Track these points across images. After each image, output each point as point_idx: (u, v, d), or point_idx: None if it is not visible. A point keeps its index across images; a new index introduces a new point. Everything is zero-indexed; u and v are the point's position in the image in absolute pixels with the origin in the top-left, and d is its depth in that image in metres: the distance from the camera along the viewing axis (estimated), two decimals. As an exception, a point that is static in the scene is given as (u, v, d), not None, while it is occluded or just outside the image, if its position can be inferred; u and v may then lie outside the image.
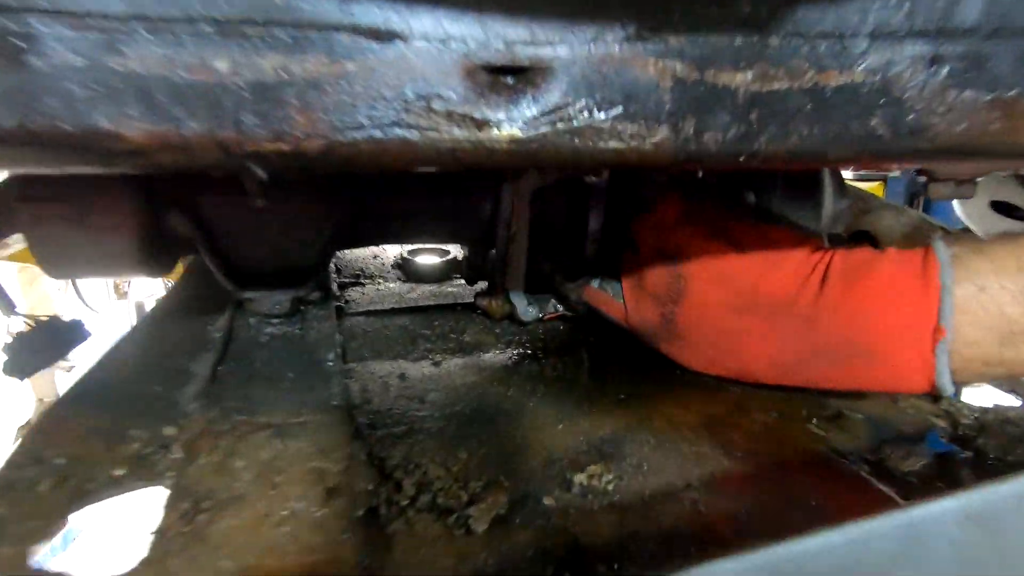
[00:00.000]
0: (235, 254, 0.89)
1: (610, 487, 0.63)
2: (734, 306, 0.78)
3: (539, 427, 0.75)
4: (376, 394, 0.82)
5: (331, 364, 0.79)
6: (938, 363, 0.67)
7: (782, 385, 0.83)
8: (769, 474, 0.68)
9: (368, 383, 0.85)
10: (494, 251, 1.04)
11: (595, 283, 0.97)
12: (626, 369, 0.94)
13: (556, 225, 1.05)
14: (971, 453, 0.73)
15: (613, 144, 0.46)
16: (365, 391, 0.82)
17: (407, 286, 1.34)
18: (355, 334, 1.03)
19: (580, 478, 0.64)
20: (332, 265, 1.41)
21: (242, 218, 0.88)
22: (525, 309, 1.05)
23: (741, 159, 0.47)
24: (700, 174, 0.89)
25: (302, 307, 0.97)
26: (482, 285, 1.14)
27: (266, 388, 0.72)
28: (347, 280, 1.34)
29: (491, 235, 1.03)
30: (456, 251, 1.39)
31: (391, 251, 1.54)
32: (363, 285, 1.33)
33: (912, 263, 0.70)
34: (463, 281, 1.26)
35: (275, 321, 0.93)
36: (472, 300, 1.12)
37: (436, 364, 0.95)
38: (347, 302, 1.21)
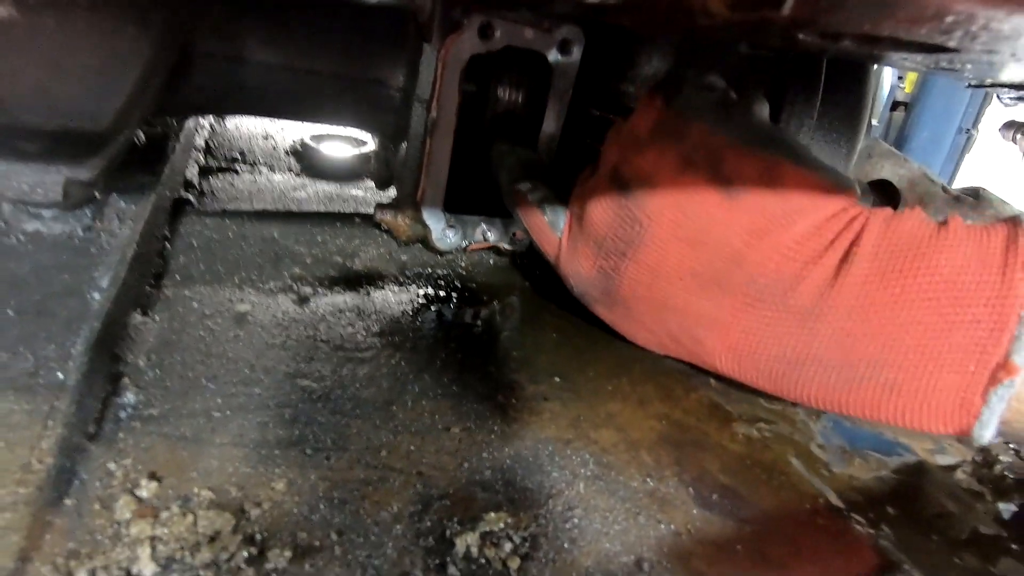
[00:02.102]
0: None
1: (514, 565, 0.38)
2: (700, 277, 0.51)
3: (421, 431, 0.48)
4: (179, 349, 0.52)
5: (96, 296, 0.48)
6: (986, 411, 0.42)
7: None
8: (754, 538, 0.45)
9: (176, 327, 0.55)
10: (405, 145, 0.72)
11: (534, 195, 0.64)
12: (569, 333, 0.68)
13: (498, 117, 0.73)
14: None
15: None
16: (162, 344, 0.52)
17: (299, 181, 1.01)
18: (193, 244, 0.71)
19: (467, 542, 0.38)
20: (201, 142, 1.05)
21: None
22: (443, 233, 0.76)
23: None
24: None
25: (98, 195, 0.64)
26: (392, 194, 0.83)
27: (-54, 336, 0.41)
28: (216, 164, 0.99)
29: (404, 122, 0.71)
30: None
31: (292, 131, 1.18)
32: (236, 173, 0.98)
33: (986, 251, 0.43)
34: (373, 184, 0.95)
35: (46, 214, 0.60)
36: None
37: (301, 301, 0.65)
38: (203, 195, 0.88)
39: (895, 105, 3.93)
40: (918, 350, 0.43)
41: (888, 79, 3.37)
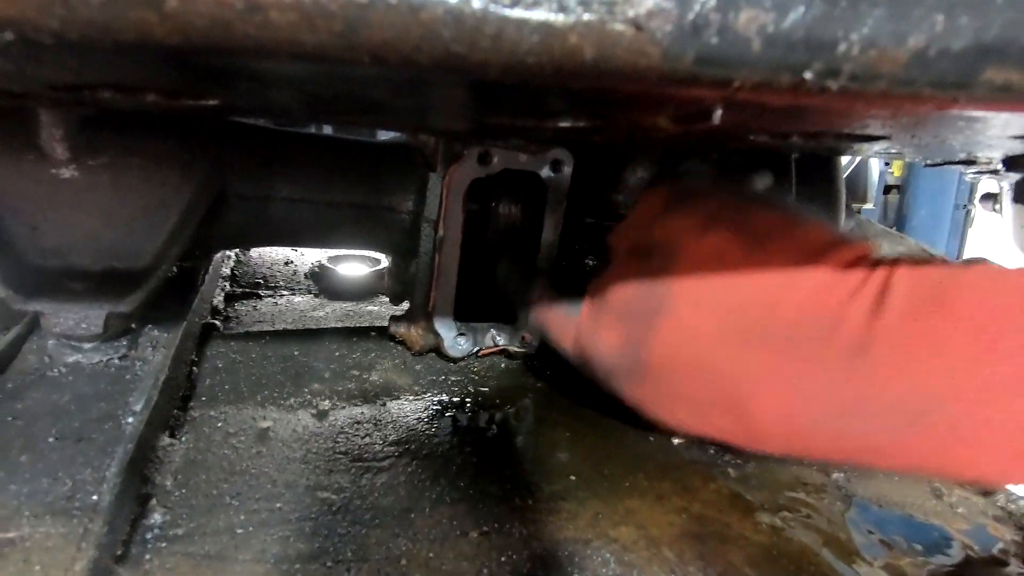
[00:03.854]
0: (21, 241, 0.61)
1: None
2: (739, 333, 0.49)
3: (440, 537, 0.49)
4: (204, 469, 0.54)
5: (130, 421, 0.51)
6: None
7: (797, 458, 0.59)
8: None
9: (201, 447, 0.58)
10: (416, 262, 0.78)
11: (546, 294, 0.66)
12: (582, 432, 0.69)
13: (500, 232, 0.80)
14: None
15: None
16: (188, 464, 0.55)
17: (317, 301, 1.07)
18: (219, 366, 0.75)
19: (489, 651, 0.38)
20: (227, 270, 1.13)
21: (31, 186, 0.60)
22: (454, 341, 0.79)
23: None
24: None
25: (134, 326, 0.69)
26: (405, 307, 0.88)
27: (-9, 464, 0.44)
28: (241, 290, 1.06)
29: (414, 241, 0.78)
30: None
31: (310, 255, 1.27)
32: (259, 298, 1.05)
33: (1017, 282, 0.44)
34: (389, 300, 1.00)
35: (86, 346, 0.65)
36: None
37: (320, 416, 0.68)
38: (228, 319, 0.94)
39: (888, 188, 4.08)
40: (980, 383, 0.41)
41: (876, 165, 3.53)
